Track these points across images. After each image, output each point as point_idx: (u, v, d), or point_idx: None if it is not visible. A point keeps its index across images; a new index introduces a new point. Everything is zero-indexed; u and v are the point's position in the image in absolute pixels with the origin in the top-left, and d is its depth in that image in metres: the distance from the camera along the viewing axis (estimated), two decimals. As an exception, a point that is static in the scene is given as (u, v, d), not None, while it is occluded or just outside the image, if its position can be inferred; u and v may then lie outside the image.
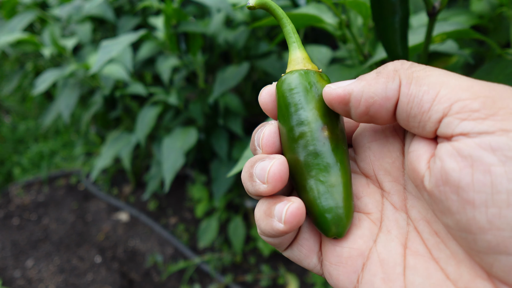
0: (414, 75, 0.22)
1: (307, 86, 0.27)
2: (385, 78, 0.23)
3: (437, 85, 0.20)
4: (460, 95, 0.19)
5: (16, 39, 1.00)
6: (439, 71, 0.21)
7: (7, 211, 1.87)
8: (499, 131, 0.17)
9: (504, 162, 0.17)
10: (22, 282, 1.49)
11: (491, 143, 0.17)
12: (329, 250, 0.26)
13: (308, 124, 0.26)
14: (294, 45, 0.29)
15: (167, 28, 0.89)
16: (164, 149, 0.98)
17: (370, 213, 0.27)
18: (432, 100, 0.20)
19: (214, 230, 1.37)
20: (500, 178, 0.17)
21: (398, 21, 0.37)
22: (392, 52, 0.39)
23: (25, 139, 2.48)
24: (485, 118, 0.18)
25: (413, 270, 0.23)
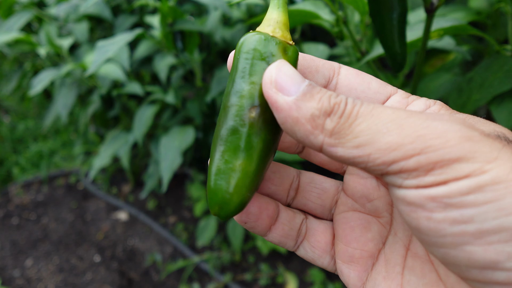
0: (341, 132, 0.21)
1: (260, 55, 0.24)
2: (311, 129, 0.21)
3: (367, 147, 0.20)
4: (394, 157, 0.19)
5: (12, 39, 0.99)
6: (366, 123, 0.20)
7: (6, 211, 1.87)
8: (439, 183, 0.19)
9: (444, 208, 0.18)
10: (22, 281, 1.49)
11: (431, 194, 0.19)
12: (342, 251, 0.28)
13: (241, 97, 0.24)
14: (275, 2, 0.25)
15: (163, 26, 0.89)
16: (162, 148, 0.98)
17: (380, 217, 0.28)
18: (365, 162, 0.20)
19: (213, 229, 1.37)
20: (442, 223, 0.19)
21: (396, 17, 0.36)
22: (389, 49, 0.38)
23: (24, 138, 2.47)
24: (424, 174, 0.19)
25: (410, 269, 0.25)
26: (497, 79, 0.53)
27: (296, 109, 0.21)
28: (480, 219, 0.18)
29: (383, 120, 0.20)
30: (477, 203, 0.18)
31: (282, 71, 0.22)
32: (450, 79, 0.65)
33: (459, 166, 0.18)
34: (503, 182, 0.18)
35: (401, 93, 0.27)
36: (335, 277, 1.30)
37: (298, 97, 0.21)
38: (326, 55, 0.92)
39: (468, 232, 0.18)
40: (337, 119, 0.21)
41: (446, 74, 0.66)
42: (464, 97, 0.59)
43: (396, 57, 0.39)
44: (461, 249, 0.19)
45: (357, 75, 0.27)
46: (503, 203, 0.17)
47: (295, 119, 0.21)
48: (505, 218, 0.17)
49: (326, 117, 0.21)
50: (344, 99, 0.21)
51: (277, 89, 0.22)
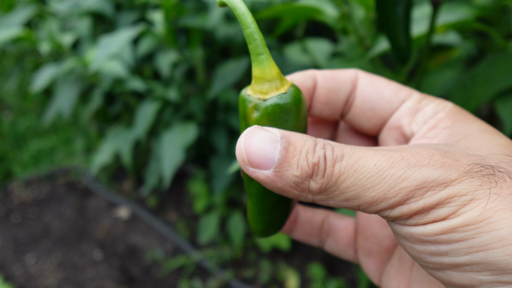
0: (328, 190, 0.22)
1: (241, 115, 0.25)
2: (298, 193, 0.23)
3: (355, 200, 0.22)
4: (380, 207, 0.22)
5: (13, 36, 0.99)
6: (350, 180, 0.22)
7: (7, 208, 1.87)
8: (416, 224, 0.22)
9: (422, 243, 0.22)
10: (23, 278, 1.49)
11: (411, 232, 0.22)
12: (361, 245, 0.32)
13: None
14: (262, 57, 0.23)
15: (166, 22, 0.89)
16: (164, 145, 0.98)
17: None
18: (355, 208, 0.23)
19: (214, 226, 1.37)
20: (423, 254, 0.22)
21: (401, 11, 0.36)
22: (395, 43, 0.38)
23: (25, 135, 2.47)
24: (406, 219, 0.22)
25: (418, 267, 0.28)
26: (502, 75, 0.53)
27: (279, 181, 0.22)
28: (453, 254, 0.20)
29: (366, 175, 0.21)
30: (449, 241, 0.20)
31: (251, 145, 0.22)
32: (454, 76, 0.65)
33: (436, 211, 0.21)
34: (473, 224, 0.20)
35: (415, 98, 0.28)
36: (336, 273, 1.30)
37: (276, 168, 0.22)
38: (329, 51, 0.92)
39: (445, 263, 0.21)
40: (320, 179, 0.22)
41: (450, 70, 0.66)
42: (468, 93, 0.58)
43: (401, 51, 0.39)
44: (442, 272, 0.22)
45: (371, 84, 0.28)
46: (473, 242, 0.20)
47: (280, 189, 0.22)
48: (475, 254, 0.20)
49: (309, 179, 0.22)
50: (323, 156, 0.22)
51: (253, 167, 0.22)
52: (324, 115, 0.30)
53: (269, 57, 0.23)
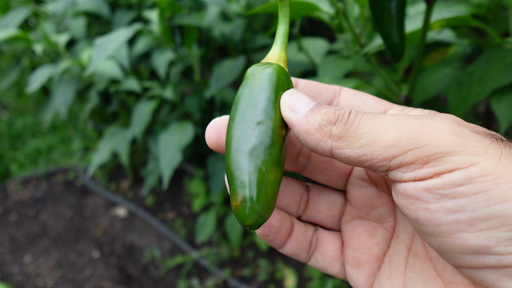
0: (346, 136, 0.24)
1: (284, 82, 0.28)
2: (320, 137, 0.25)
3: (369, 146, 0.22)
4: (393, 152, 0.22)
5: (9, 36, 0.98)
6: (368, 126, 0.23)
7: (5, 207, 1.87)
8: (433, 175, 0.21)
9: (439, 198, 0.21)
10: (20, 277, 1.48)
11: (427, 185, 0.21)
12: (350, 256, 0.31)
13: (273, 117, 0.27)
14: (282, 45, 0.29)
15: (161, 21, 0.88)
16: (161, 145, 0.97)
17: (384, 222, 0.31)
18: (370, 160, 0.23)
19: (211, 225, 1.36)
20: (438, 213, 0.21)
21: (395, 6, 0.36)
22: (388, 39, 0.38)
23: (22, 135, 2.46)
24: (420, 167, 0.21)
25: (411, 268, 0.27)
26: (498, 72, 0.53)
27: (306, 123, 0.25)
28: (471, 208, 0.20)
29: (382, 123, 0.23)
30: (468, 193, 0.20)
31: (293, 95, 0.26)
32: (450, 73, 0.65)
33: (450, 158, 0.20)
34: (490, 174, 0.19)
35: (397, 107, 0.30)
36: (334, 272, 1.30)
37: (307, 113, 0.25)
38: (325, 50, 0.91)
39: (461, 220, 0.20)
40: (342, 126, 0.24)
41: (446, 68, 0.66)
42: (464, 91, 0.58)
43: (394, 48, 0.39)
44: (455, 236, 0.21)
45: (355, 94, 0.31)
46: (491, 193, 0.19)
47: (306, 131, 0.25)
48: (494, 206, 0.19)
49: (332, 125, 0.24)
50: (348, 110, 0.25)
51: (290, 110, 0.26)
52: None
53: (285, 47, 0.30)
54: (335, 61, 0.72)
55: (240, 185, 0.24)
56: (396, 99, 0.54)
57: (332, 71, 0.69)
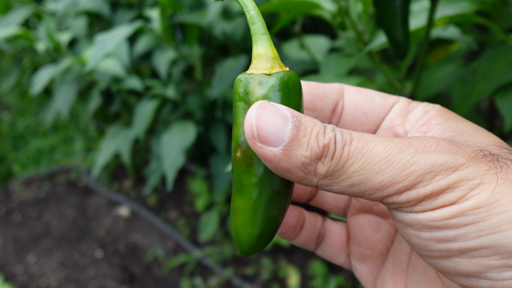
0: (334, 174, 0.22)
1: (238, 96, 0.24)
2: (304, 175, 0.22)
3: (361, 186, 0.21)
4: (387, 193, 0.21)
5: (11, 34, 0.98)
6: (359, 164, 0.21)
7: (8, 208, 1.87)
8: (424, 210, 0.21)
9: (429, 229, 0.21)
10: (24, 277, 1.49)
11: (418, 217, 0.21)
12: (355, 250, 0.31)
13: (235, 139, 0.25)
14: (264, 37, 0.24)
15: (162, 18, 0.88)
16: (164, 145, 0.97)
17: (388, 217, 0.31)
18: (360, 195, 0.22)
19: (214, 224, 1.36)
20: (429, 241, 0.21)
21: (399, 4, 0.35)
22: (392, 37, 0.38)
23: (24, 135, 2.47)
24: (414, 205, 0.21)
25: (413, 267, 0.28)
26: (502, 69, 0.52)
27: (286, 160, 0.21)
28: (462, 238, 0.20)
29: (375, 159, 0.21)
30: (459, 225, 0.20)
31: (262, 120, 0.21)
32: (453, 70, 0.64)
33: (445, 196, 0.20)
34: (483, 207, 0.19)
35: (403, 101, 0.29)
36: (337, 270, 1.30)
37: (285, 146, 0.21)
38: (327, 47, 0.91)
39: (453, 249, 0.20)
40: (329, 162, 0.21)
41: (449, 65, 0.66)
42: (468, 88, 0.58)
43: (399, 45, 0.39)
44: (448, 260, 0.21)
45: (359, 92, 0.29)
46: (483, 225, 0.19)
47: (286, 169, 0.21)
48: (485, 237, 0.19)
49: (317, 161, 0.21)
50: (333, 138, 0.21)
51: (261, 143, 0.21)
52: None
53: (270, 38, 0.24)
54: (337, 59, 0.71)
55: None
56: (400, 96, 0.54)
57: (334, 69, 0.69)
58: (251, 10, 0.24)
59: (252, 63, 0.24)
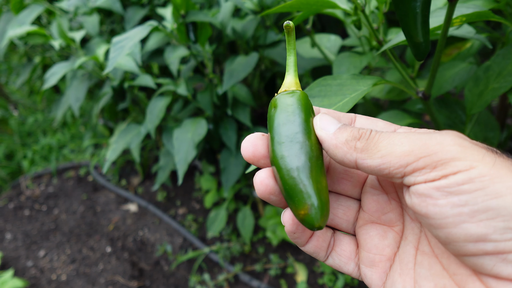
0: (368, 149, 0.29)
1: (309, 105, 0.33)
2: (346, 150, 0.30)
3: (388, 156, 0.27)
4: (407, 160, 0.27)
5: (26, 32, 1.00)
6: (386, 141, 0.28)
7: (18, 202, 1.90)
8: (441, 177, 0.25)
9: (446, 195, 0.25)
10: (34, 271, 1.51)
11: (436, 185, 0.26)
12: (364, 257, 0.35)
13: (309, 134, 0.32)
14: (294, 73, 0.34)
15: (175, 18, 0.89)
16: (175, 141, 0.98)
17: (394, 226, 0.34)
18: (388, 168, 0.28)
19: (222, 220, 1.38)
20: (445, 207, 0.25)
21: (420, 5, 0.36)
22: (412, 38, 0.38)
23: (33, 132, 2.49)
24: (430, 171, 0.26)
25: (420, 264, 0.31)
26: (515, 67, 0.53)
27: (335, 138, 0.30)
28: (472, 202, 0.24)
29: (398, 137, 0.28)
30: (469, 190, 0.24)
31: (324, 118, 0.32)
32: (466, 68, 0.65)
33: (454, 163, 0.25)
34: (487, 175, 0.24)
35: (405, 127, 0.34)
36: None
37: (335, 131, 0.31)
38: (338, 45, 0.92)
39: (464, 212, 0.25)
40: (365, 141, 0.29)
41: (461, 63, 0.66)
42: (481, 86, 0.59)
43: (419, 46, 0.39)
44: (459, 227, 0.25)
45: (368, 119, 0.35)
46: (488, 190, 0.24)
47: (334, 145, 0.30)
48: (490, 201, 0.24)
49: (356, 140, 0.29)
50: (369, 130, 0.30)
51: (321, 128, 0.32)
52: None
53: (296, 71, 0.35)
54: (349, 58, 0.72)
55: (305, 196, 0.30)
56: (414, 94, 0.54)
57: (347, 68, 0.70)
58: (292, 55, 0.34)
59: (284, 85, 0.34)
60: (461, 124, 0.70)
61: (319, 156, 0.31)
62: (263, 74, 1.31)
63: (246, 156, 0.33)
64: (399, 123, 0.65)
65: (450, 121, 0.71)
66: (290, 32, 0.33)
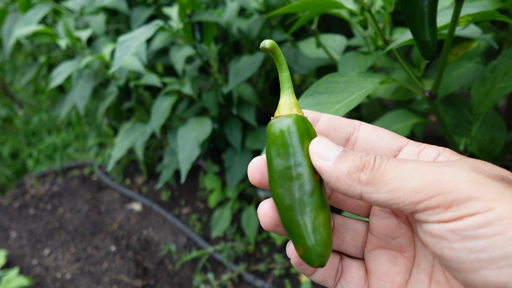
0: (374, 182, 0.26)
1: (304, 131, 0.30)
2: (350, 183, 0.27)
3: (396, 191, 0.25)
4: (418, 198, 0.24)
5: (33, 31, 1.01)
6: (393, 173, 0.25)
7: (22, 201, 1.91)
8: (455, 218, 0.23)
9: (462, 239, 0.23)
10: (39, 269, 1.52)
11: (451, 227, 0.23)
12: (375, 284, 0.33)
13: (304, 166, 0.29)
14: (288, 90, 0.31)
15: (181, 17, 0.89)
16: (179, 139, 0.99)
17: (404, 252, 0.32)
18: (397, 203, 0.25)
19: (227, 220, 1.38)
20: (461, 252, 0.23)
21: (427, 4, 0.36)
22: (419, 37, 0.39)
23: (38, 131, 2.51)
24: (444, 211, 0.24)
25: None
26: (522, 67, 0.53)
27: (336, 170, 0.27)
28: (491, 248, 0.22)
29: (407, 169, 0.25)
30: (487, 235, 0.22)
31: (320, 143, 0.29)
32: (472, 68, 0.65)
33: (470, 204, 0.23)
34: (506, 218, 0.22)
35: (412, 143, 0.32)
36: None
37: (335, 160, 0.28)
38: (344, 45, 0.92)
39: (482, 259, 0.22)
40: (369, 172, 0.26)
41: (468, 63, 0.66)
42: (488, 85, 0.59)
43: (426, 45, 0.39)
44: (477, 273, 0.23)
45: (373, 130, 0.33)
46: (508, 235, 0.22)
47: (336, 178, 0.27)
48: (510, 247, 0.22)
49: (360, 171, 0.26)
50: (373, 157, 0.27)
51: (319, 157, 0.28)
52: None
53: (293, 90, 0.32)
54: (354, 57, 0.72)
55: (298, 237, 0.29)
56: (421, 93, 0.55)
57: (352, 68, 0.70)
58: (284, 72, 0.31)
59: (280, 108, 0.31)
60: (467, 124, 0.70)
61: (316, 188, 0.29)
62: (268, 74, 1.31)
63: (254, 182, 0.32)
64: (406, 123, 0.65)
65: (456, 121, 0.71)
66: (273, 50, 0.30)
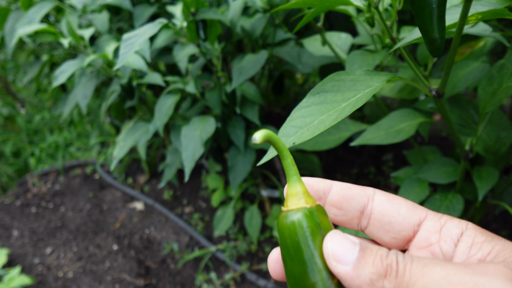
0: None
1: (314, 228, 0.28)
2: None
3: None
4: None
5: (35, 30, 1.00)
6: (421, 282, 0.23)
7: (24, 200, 1.91)
8: None
9: None
10: (41, 268, 1.52)
11: None
12: None
13: (320, 271, 0.27)
14: (294, 178, 0.29)
15: (185, 16, 0.89)
16: (183, 138, 0.99)
17: None
18: None
19: (229, 219, 1.38)
20: None
21: (436, 1, 0.36)
22: (428, 34, 0.38)
23: (40, 130, 2.51)
24: None
25: None
26: (531, 66, 0.52)
27: (357, 277, 0.25)
28: None
29: (435, 279, 0.23)
30: None
31: (335, 242, 0.26)
32: (479, 67, 0.65)
33: None
34: None
35: (432, 217, 0.30)
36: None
37: (354, 264, 0.25)
38: (349, 43, 0.91)
39: None
40: (394, 280, 0.24)
41: (475, 62, 0.66)
42: (495, 84, 0.58)
43: (434, 43, 0.39)
44: None
45: (388, 200, 0.31)
46: None
47: (357, 286, 0.25)
48: None
49: (383, 279, 0.24)
50: (395, 259, 0.25)
51: (336, 261, 0.26)
52: (339, 220, 0.32)
53: (299, 177, 0.29)
54: (362, 55, 0.72)
55: None
56: (427, 92, 0.54)
57: (359, 66, 0.70)
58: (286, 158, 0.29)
59: (287, 199, 0.29)
60: (473, 124, 0.70)
61: None
62: (271, 73, 1.30)
63: (276, 277, 0.30)
64: (411, 122, 0.64)
65: (462, 120, 0.70)
66: (268, 141, 0.28)
